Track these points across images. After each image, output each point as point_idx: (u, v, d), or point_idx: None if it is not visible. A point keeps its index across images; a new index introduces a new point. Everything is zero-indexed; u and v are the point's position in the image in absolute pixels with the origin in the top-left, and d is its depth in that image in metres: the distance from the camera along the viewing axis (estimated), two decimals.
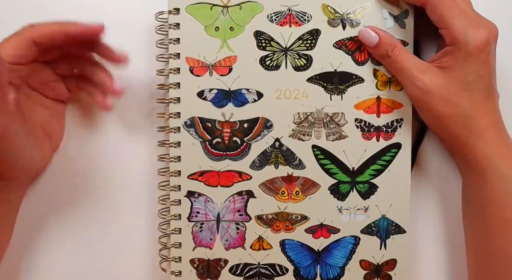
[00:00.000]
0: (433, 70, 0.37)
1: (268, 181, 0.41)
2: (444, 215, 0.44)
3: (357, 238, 0.41)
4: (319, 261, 0.41)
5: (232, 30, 0.40)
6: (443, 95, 0.37)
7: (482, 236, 0.38)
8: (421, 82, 0.37)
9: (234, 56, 0.40)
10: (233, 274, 0.41)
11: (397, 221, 0.41)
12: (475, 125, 0.37)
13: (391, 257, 0.41)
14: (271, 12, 0.40)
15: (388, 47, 0.38)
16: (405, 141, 0.41)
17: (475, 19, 0.37)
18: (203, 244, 0.41)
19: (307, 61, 0.40)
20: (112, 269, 0.43)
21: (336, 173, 0.41)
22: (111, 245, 0.43)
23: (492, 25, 0.37)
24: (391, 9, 0.40)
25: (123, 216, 0.43)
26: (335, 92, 0.40)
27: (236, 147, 0.41)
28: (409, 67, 0.38)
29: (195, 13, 0.40)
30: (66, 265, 0.43)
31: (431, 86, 0.37)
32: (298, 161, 0.41)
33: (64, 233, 0.43)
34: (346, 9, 0.40)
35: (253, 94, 0.40)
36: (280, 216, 0.41)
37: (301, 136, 0.41)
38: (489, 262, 0.38)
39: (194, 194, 0.41)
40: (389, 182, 0.41)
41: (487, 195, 0.37)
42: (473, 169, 0.38)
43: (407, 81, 0.38)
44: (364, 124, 0.40)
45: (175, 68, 0.40)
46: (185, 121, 0.40)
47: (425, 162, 0.43)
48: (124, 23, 0.42)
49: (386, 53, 0.39)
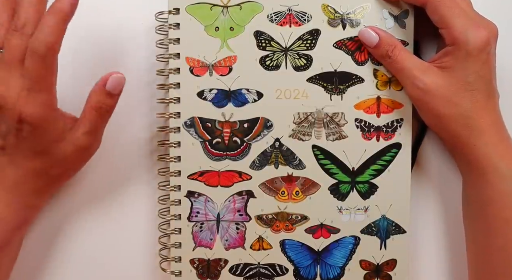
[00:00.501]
0: (433, 70, 0.37)
1: (268, 181, 0.41)
2: (444, 215, 0.44)
3: (357, 238, 0.41)
4: (319, 261, 0.41)
5: (232, 30, 0.40)
6: (444, 95, 0.37)
7: (483, 236, 0.38)
8: (421, 82, 0.37)
9: (234, 56, 0.40)
10: (233, 274, 0.41)
11: (397, 221, 0.41)
12: (476, 125, 0.37)
13: (391, 257, 0.41)
14: (271, 12, 0.40)
15: (388, 47, 0.38)
16: (405, 141, 0.41)
17: (475, 19, 0.37)
18: (203, 244, 0.41)
19: (307, 61, 0.40)
20: (112, 269, 0.43)
21: (336, 173, 0.41)
22: (111, 245, 0.43)
23: (492, 25, 0.37)
24: (391, 9, 0.40)
25: (123, 216, 0.43)
26: (335, 92, 0.40)
27: (236, 147, 0.40)
28: (410, 67, 0.38)
29: (195, 13, 0.40)
30: (66, 265, 0.43)
31: (432, 86, 0.37)
32: (298, 161, 0.41)
33: (63, 233, 0.43)
34: (346, 9, 0.40)
35: (253, 94, 0.40)
36: (280, 216, 0.41)
37: (301, 136, 0.41)
38: (489, 262, 0.38)
39: (194, 194, 0.41)
40: (389, 182, 0.41)
41: (487, 195, 0.37)
42: (473, 169, 0.38)
43: (407, 81, 0.38)
44: (364, 124, 0.40)
45: (175, 68, 0.40)
46: (185, 121, 0.40)
47: (425, 162, 0.43)
48: (124, 23, 0.42)
49: (386, 53, 0.38)
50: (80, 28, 0.43)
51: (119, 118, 0.43)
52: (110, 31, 0.43)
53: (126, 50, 0.43)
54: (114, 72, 0.37)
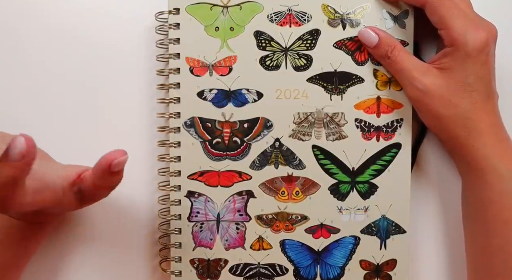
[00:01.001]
0: (432, 71, 0.37)
1: (268, 181, 0.41)
2: (444, 215, 0.44)
3: (357, 238, 0.41)
4: (319, 261, 0.41)
5: (232, 30, 0.40)
6: (443, 96, 0.37)
7: (482, 236, 0.38)
8: (420, 83, 0.37)
9: (234, 56, 0.40)
10: (233, 274, 0.41)
11: (397, 221, 0.41)
12: (475, 126, 0.37)
13: (391, 257, 0.41)
14: (271, 12, 0.40)
15: (387, 48, 0.38)
16: (405, 141, 0.41)
17: (474, 20, 0.37)
18: (203, 244, 0.41)
19: (307, 61, 0.40)
20: (112, 269, 0.43)
21: (336, 173, 0.41)
22: (111, 245, 0.43)
23: (492, 26, 0.37)
24: (391, 9, 0.40)
25: (123, 216, 0.43)
26: (335, 92, 0.40)
27: (236, 147, 0.40)
28: (409, 68, 0.38)
29: (195, 13, 0.40)
30: (65, 265, 0.43)
31: (431, 87, 0.37)
32: (298, 161, 0.41)
33: (63, 233, 0.43)
34: (346, 9, 0.40)
35: (253, 94, 0.40)
36: (280, 216, 0.41)
37: (301, 136, 0.41)
38: (488, 263, 0.38)
39: (194, 194, 0.41)
40: (389, 182, 0.41)
41: (486, 196, 0.37)
42: (472, 170, 0.38)
43: (406, 82, 0.38)
44: (364, 124, 0.40)
45: (175, 68, 0.40)
46: (185, 121, 0.40)
47: (425, 162, 0.43)
48: (124, 23, 0.42)
49: (385, 54, 0.38)
50: (80, 28, 0.43)
51: (119, 118, 0.43)
52: (110, 31, 0.43)
53: (126, 50, 0.43)
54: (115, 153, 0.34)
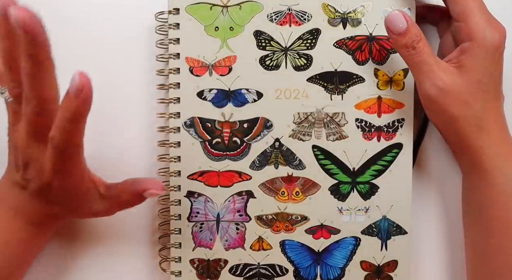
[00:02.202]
0: (450, 69, 0.36)
1: (268, 182, 0.41)
2: (445, 215, 0.43)
3: (358, 239, 0.41)
4: (319, 262, 0.41)
5: (232, 30, 0.40)
6: (460, 96, 0.36)
7: (482, 236, 0.38)
8: (441, 81, 0.36)
9: (234, 56, 0.40)
10: (233, 274, 0.41)
11: (398, 222, 0.41)
12: (485, 126, 0.36)
13: (392, 258, 0.41)
14: (271, 11, 0.40)
15: (415, 38, 0.36)
16: (407, 141, 0.40)
17: (491, 18, 0.36)
18: (203, 244, 0.41)
19: (307, 61, 0.40)
20: (112, 269, 0.43)
21: (337, 174, 0.40)
22: (111, 245, 0.43)
23: (502, 27, 0.36)
24: (392, 8, 0.39)
25: (123, 216, 0.43)
26: (335, 92, 0.40)
27: (236, 147, 0.40)
28: (431, 63, 0.36)
29: (195, 13, 0.40)
30: (66, 265, 0.43)
31: (451, 86, 0.36)
32: (298, 161, 0.40)
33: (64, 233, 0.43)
34: (346, 8, 0.40)
35: (253, 94, 0.40)
36: (280, 217, 0.41)
37: (301, 136, 0.40)
38: (488, 263, 0.37)
39: (194, 194, 0.41)
40: (390, 182, 0.40)
41: (489, 196, 0.37)
42: (476, 170, 0.38)
43: (425, 78, 0.36)
44: (365, 124, 0.40)
45: (175, 68, 0.40)
46: (185, 121, 0.40)
47: (425, 162, 0.43)
48: (124, 23, 0.42)
49: (411, 44, 0.36)
50: (81, 28, 0.43)
51: (119, 118, 0.43)
52: (110, 31, 0.43)
53: (126, 50, 0.43)
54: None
